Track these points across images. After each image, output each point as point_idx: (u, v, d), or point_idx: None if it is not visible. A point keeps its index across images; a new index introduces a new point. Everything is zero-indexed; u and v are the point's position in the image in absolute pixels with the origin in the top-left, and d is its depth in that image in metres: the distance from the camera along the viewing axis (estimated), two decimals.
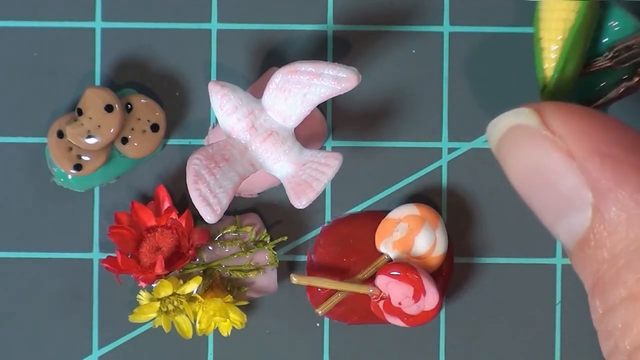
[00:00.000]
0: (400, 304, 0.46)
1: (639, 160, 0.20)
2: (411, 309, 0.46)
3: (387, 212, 0.48)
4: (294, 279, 0.45)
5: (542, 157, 0.21)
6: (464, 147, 0.49)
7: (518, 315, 0.48)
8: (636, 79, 0.47)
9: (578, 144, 0.21)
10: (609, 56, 0.46)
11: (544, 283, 0.48)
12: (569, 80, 0.45)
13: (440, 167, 0.49)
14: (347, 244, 0.48)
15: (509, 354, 0.48)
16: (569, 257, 0.22)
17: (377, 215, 0.48)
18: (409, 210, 0.47)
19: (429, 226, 0.47)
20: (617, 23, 0.47)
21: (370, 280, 0.47)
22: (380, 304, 0.46)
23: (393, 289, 0.46)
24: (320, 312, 0.46)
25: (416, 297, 0.46)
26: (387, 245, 0.47)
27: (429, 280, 0.46)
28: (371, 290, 0.46)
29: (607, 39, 0.47)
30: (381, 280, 0.46)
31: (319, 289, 0.47)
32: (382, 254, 0.47)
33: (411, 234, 0.47)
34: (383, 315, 0.46)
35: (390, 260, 0.47)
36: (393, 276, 0.46)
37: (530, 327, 0.48)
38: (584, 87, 0.47)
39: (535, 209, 0.22)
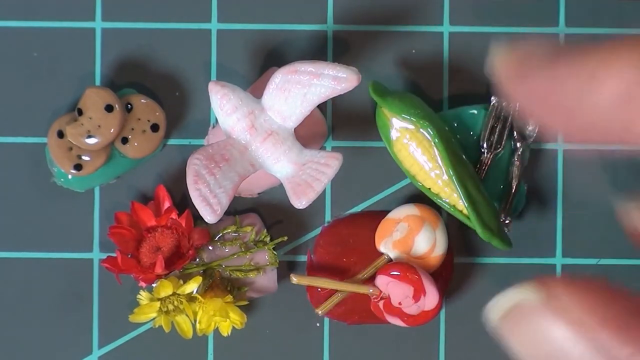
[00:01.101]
0: (400, 304, 0.46)
1: None
2: (411, 309, 0.46)
3: (387, 212, 0.48)
4: (294, 279, 0.45)
5: (552, 331, 0.22)
6: None
7: None
8: (519, 146, 0.47)
9: (588, 314, 0.21)
10: (485, 148, 0.47)
11: None
12: (482, 200, 0.46)
13: None
14: (347, 244, 0.48)
15: (509, 354, 0.48)
16: None
17: (377, 216, 0.48)
18: (409, 210, 0.47)
19: (429, 226, 0.47)
20: (464, 120, 0.48)
21: (370, 280, 0.47)
22: (380, 304, 0.46)
23: (393, 289, 0.46)
24: (320, 312, 0.46)
25: (416, 297, 0.46)
26: (387, 245, 0.47)
27: (429, 280, 0.46)
28: (371, 290, 0.46)
29: (472, 134, 0.48)
30: (381, 280, 0.46)
31: (319, 289, 0.47)
32: (382, 254, 0.47)
33: (411, 234, 0.47)
34: (383, 315, 0.46)
35: (390, 260, 0.47)
36: (393, 276, 0.46)
37: None
38: (495, 187, 0.47)
39: None
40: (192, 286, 0.46)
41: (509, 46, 0.24)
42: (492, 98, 0.47)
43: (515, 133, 0.47)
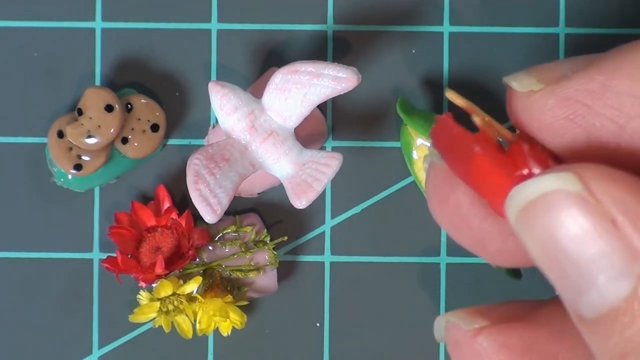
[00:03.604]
0: (543, 158, 0.33)
1: None
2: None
3: None
4: (449, 93, 0.34)
5: (582, 224, 0.20)
6: None
7: None
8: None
9: (623, 211, 0.20)
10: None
11: (544, 283, 0.48)
12: None
13: None
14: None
15: None
16: (582, 325, 0.21)
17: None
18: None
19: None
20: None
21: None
22: (526, 146, 0.32)
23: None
24: (480, 121, 0.33)
25: (543, 165, 0.35)
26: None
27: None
28: (512, 137, 0.34)
29: None
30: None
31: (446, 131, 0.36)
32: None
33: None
34: (523, 162, 0.32)
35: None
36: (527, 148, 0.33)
37: None
38: None
39: (562, 277, 0.21)
40: (192, 286, 0.46)
41: (533, 68, 0.23)
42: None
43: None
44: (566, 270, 0.21)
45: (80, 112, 0.47)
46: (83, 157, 0.47)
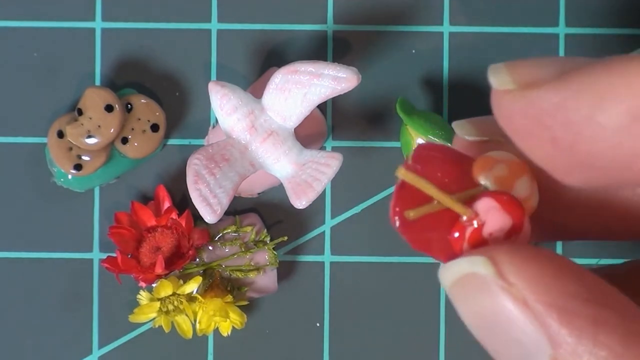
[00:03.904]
0: (490, 235, 0.42)
1: (597, 312, 0.20)
2: None
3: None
4: (401, 171, 0.39)
5: (497, 306, 0.21)
6: None
7: None
8: None
9: (535, 296, 0.21)
10: None
11: None
12: None
13: None
14: (442, 166, 0.44)
15: None
16: None
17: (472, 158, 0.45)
18: (510, 157, 0.46)
19: (530, 176, 0.45)
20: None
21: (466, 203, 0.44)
22: (469, 229, 0.41)
23: (493, 216, 0.42)
24: (412, 214, 0.40)
25: (509, 234, 0.42)
26: (488, 177, 0.45)
27: (528, 220, 0.42)
28: (467, 214, 0.41)
29: None
30: (484, 203, 0.41)
31: (415, 190, 0.41)
32: (479, 184, 0.45)
33: (514, 175, 0.45)
34: (459, 245, 0.41)
35: (487, 190, 0.44)
36: (500, 201, 0.40)
37: None
38: None
39: (491, 352, 0.22)
40: (192, 286, 0.46)
41: (514, 63, 0.23)
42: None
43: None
44: (488, 347, 0.22)
45: (80, 112, 0.47)
46: (83, 157, 0.47)
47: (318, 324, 0.49)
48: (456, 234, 0.35)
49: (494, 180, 0.41)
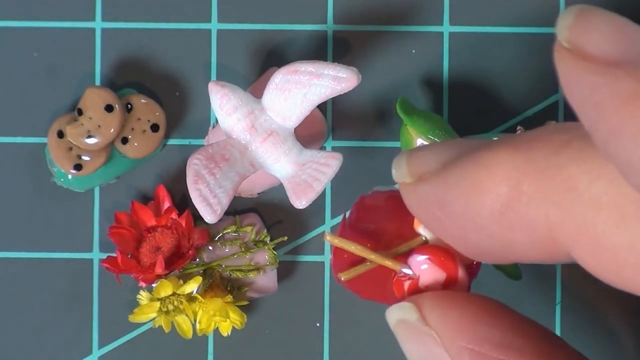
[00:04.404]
0: (426, 287, 0.45)
1: (506, 356, 0.22)
2: None
3: None
4: (327, 237, 0.42)
5: (424, 349, 0.23)
6: None
7: None
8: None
9: (450, 340, 0.22)
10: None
11: (545, 285, 0.48)
12: None
13: None
14: (384, 217, 0.46)
15: None
16: None
17: None
18: None
19: None
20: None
21: (401, 258, 0.46)
22: (406, 284, 0.45)
23: (425, 271, 0.45)
24: (343, 278, 0.44)
25: (446, 285, 0.45)
26: (426, 229, 0.46)
27: (464, 271, 0.45)
28: (401, 269, 0.45)
29: None
30: (416, 260, 0.45)
31: (346, 255, 0.45)
32: (419, 234, 0.46)
33: None
34: (403, 296, 0.45)
35: (426, 242, 0.46)
36: (431, 258, 0.44)
37: None
38: None
39: None
40: (192, 286, 0.46)
41: (409, 152, 0.23)
42: (518, 128, 0.47)
43: None
44: None
45: (80, 112, 0.47)
46: (83, 157, 0.47)
47: (318, 324, 0.49)
48: (396, 288, 0.42)
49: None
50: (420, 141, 0.46)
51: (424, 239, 0.47)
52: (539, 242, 0.20)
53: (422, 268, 0.46)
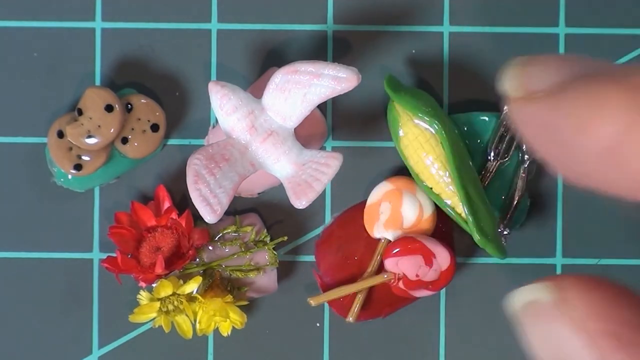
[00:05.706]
0: (417, 275, 0.46)
1: None
2: (429, 275, 0.46)
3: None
4: (312, 302, 0.46)
5: (560, 333, 0.22)
6: None
7: None
8: (526, 159, 0.47)
9: (593, 323, 0.22)
10: (491, 156, 0.47)
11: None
12: (482, 205, 0.46)
13: None
14: (346, 245, 0.48)
15: (509, 354, 0.48)
16: None
17: (360, 207, 0.48)
18: (384, 188, 0.47)
19: (408, 193, 0.47)
20: (475, 125, 0.48)
21: (381, 267, 0.47)
22: (400, 284, 0.47)
23: (404, 265, 0.46)
24: (351, 319, 0.47)
25: (428, 262, 0.46)
26: (380, 228, 0.47)
27: (431, 241, 0.46)
28: (386, 276, 0.46)
29: (480, 141, 0.48)
30: (389, 263, 0.46)
31: (341, 299, 0.47)
32: (379, 239, 0.47)
33: (396, 209, 0.47)
34: (408, 293, 0.46)
35: (389, 241, 0.47)
36: (397, 254, 0.46)
37: None
38: (497, 196, 0.48)
39: None
40: (192, 286, 0.46)
41: (524, 62, 0.23)
42: (505, 107, 0.47)
43: (524, 145, 0.47)
44: None
45: (80, 112, 0.47)
46: (83, 157, 0.47)
47: (318, 324, 0.49)
48: (397, 292, 0.44)
49: (385, 229, 0.48)
50: (406, 117, 0.46)
51: (385, 240, 0.48)
52: None
53: (399, 264, 0.47)
